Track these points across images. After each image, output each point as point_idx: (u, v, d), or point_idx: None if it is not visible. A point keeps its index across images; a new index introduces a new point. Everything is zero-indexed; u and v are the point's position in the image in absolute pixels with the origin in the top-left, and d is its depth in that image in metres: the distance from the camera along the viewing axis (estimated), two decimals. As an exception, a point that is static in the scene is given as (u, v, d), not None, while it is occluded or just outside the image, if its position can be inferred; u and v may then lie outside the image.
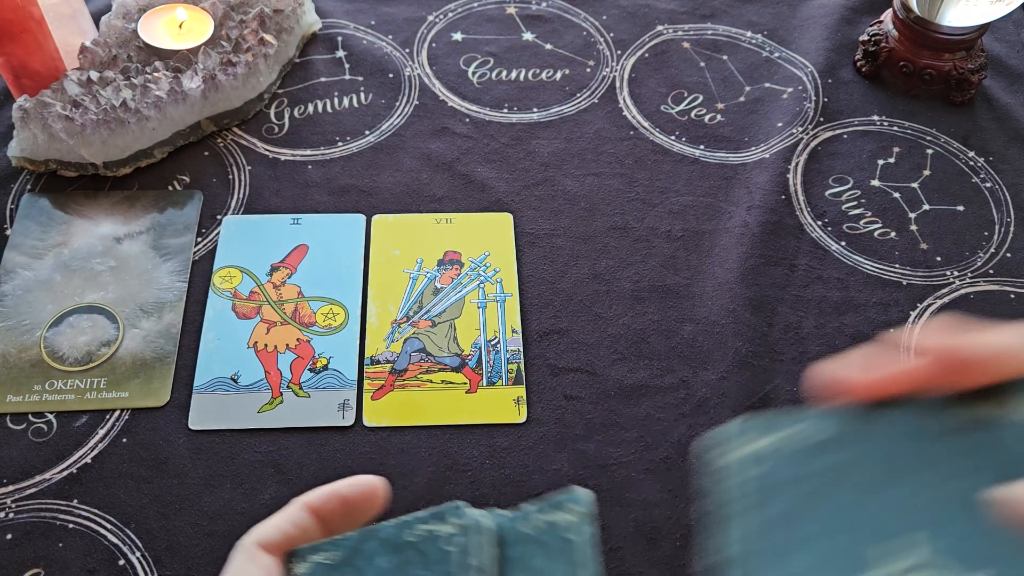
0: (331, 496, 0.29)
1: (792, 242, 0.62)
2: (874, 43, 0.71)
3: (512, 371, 0.55)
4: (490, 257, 0.60)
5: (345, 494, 0.29)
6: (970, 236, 0.63)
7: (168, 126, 0.63)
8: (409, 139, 0.66)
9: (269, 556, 0.28)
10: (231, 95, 0.65)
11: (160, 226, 0.61)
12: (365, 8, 0.75)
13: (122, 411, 0.53)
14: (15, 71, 0.62)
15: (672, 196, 0.64)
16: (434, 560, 0.27)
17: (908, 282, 0.60)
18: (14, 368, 0.54)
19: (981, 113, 0.70)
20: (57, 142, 0.60)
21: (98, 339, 0.55)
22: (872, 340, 0.57)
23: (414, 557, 0.27)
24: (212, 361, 0.55)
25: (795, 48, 0.74)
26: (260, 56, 0.66)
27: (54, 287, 0.57)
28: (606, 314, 0.58)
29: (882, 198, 0.65)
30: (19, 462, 0.51)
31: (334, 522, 0.29)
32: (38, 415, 0.53)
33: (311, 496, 0.29)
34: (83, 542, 0.48)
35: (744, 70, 0.72)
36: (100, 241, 0.60)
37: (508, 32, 0.74)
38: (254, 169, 0.64)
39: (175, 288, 0.58)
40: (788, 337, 0.57)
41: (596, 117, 0.68)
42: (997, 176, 0.66)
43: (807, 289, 0.59)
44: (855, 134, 0.68)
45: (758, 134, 0.68)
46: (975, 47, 0.69)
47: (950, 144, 0.68)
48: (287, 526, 0.28)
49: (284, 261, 0.60)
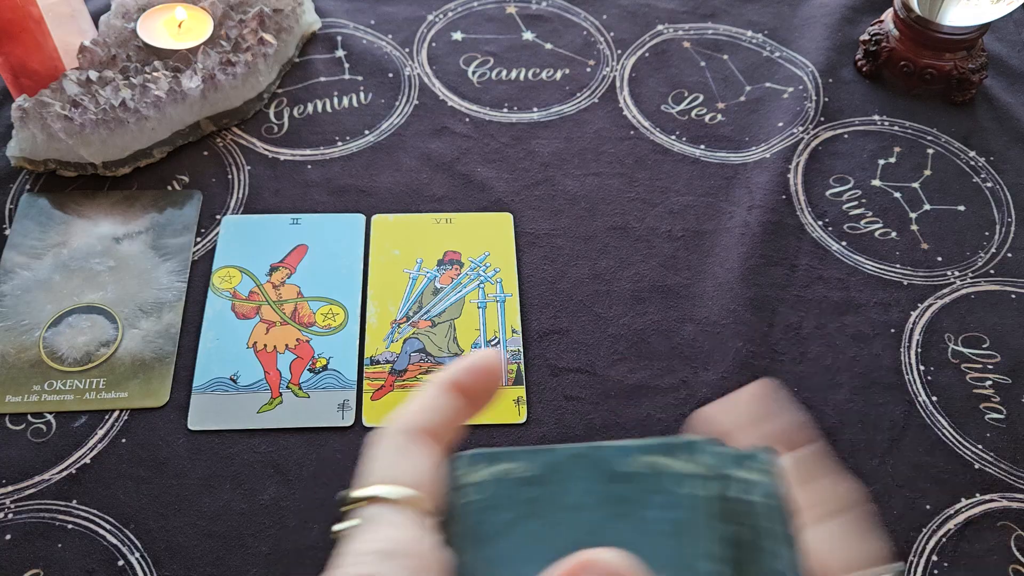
0: (472, 370, 0.26)
1: (793, 242, 0.62)
2: (875, 43, 0.70)
3: (512, 371, 0.55)
4: (490, 257, 0.60)
5: (482, 366, 0.26)
6: (971, 236, 0.63)
7: (167, 126, 0.63)
8: (409, 139, 0.66)
9: (430, 443, 0.25)
10: (230, 95, 0.65)
11: (159, 226, 0.61)
12: (365, 7, 0.75)
13: (121, 411, 0.53)
14: (14, 71, 0.62)
15: (672, 196, 0.64)
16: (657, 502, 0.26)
17: (909, 282, 0.60)
18: (13, 368, 0.54)
19: (982, 113, 0.70)
20: (56, 142, 0.60)
21: (97, 339, 0.55)
22: (872, 340, 0.57)
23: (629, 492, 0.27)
24: (211, 361, 0.55)
25: (796, 48, 0.74)
26: (259, 56, 0.66)
27: (53, 287, 0.57)
28: (606, 314, 0.58)
29: (883, 198, 0.64)
30: (18, 462, 0.51)
31: (480, 398, 0.27)
32: (37, 415, 0.52)
33: (451, 374, 0.26)
34: (82, 543, 0.48)
35: (745, 70, 0.72)
36: (99, 241, 0.60)
37: (508, 32, 0.74)
38: (253, 169, 0.64)
39: (174, 288, 0.58)
40: (789, 337, 0.57)
41: (596, 117, 0.68)
42: (998, 176, 0.66)
43: (808, 289, 0.59)
44: (856, 134, 0.68)
45: (759, 134, 0.68)
46: (976, 47, 0.69)
47: (951, 144, 0.68)
48: (438, 409, 0.25)
49: (283, 261, 0.60)
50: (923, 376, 0.56)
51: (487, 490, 0.28)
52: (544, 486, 0.28)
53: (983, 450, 0.53)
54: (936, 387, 0.55)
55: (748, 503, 0.26)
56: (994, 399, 0.55)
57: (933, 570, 0.48)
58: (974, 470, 0.52)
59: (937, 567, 0.48)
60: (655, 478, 0.27)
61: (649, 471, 0.28)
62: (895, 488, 0.51)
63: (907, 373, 0.56)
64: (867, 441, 0.53)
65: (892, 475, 0.51)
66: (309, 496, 0.50)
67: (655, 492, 0.27)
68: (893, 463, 0.52)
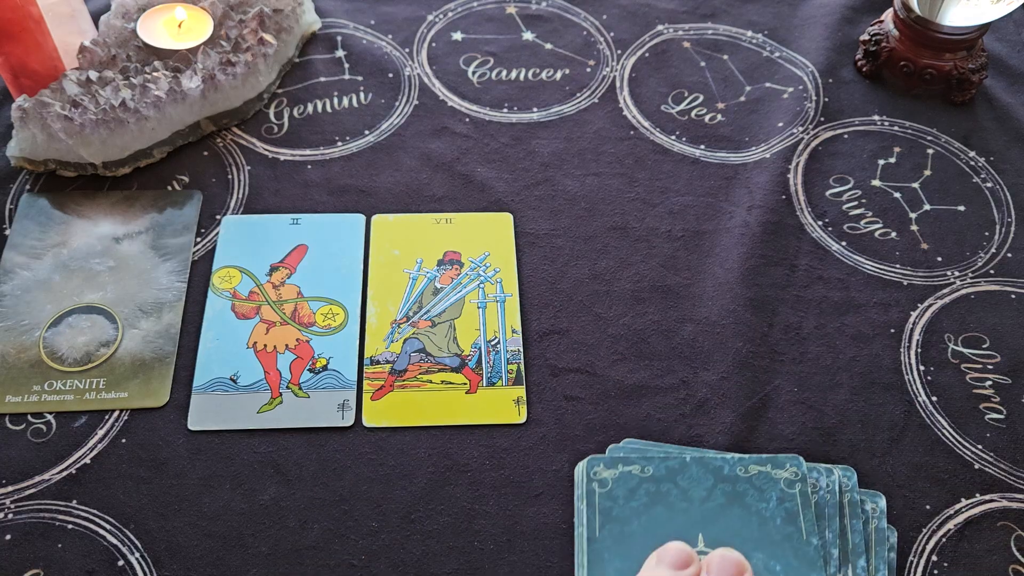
0: None
1: (793, 242, 0.62)
2: (875, 43, 0.70)
3: (512, 371, 0.55)
4: (490, 257, 0.60)
5: None
6: (971, 236, 0.63)
7: (167, 126, 0.63)
8: (409, 139, 0.66)
9: None
10: (230, 95, 0.65)
11: (159, 226, 0.61)
12: (364, 7, 0.75)
13: (121, 411, 0.53)
14: (14, 71, 0.62)
15: (672, 196, 0.64)
16: (771, 497, 0.40)
17: (909, 282, 0.60)
18: (13, 368, 0.54)
19: (982, 113, 0.70)
20: (56, 142, 0.60)
21: (97, 339, 0.55)
22: (872, 340, 0.57)
23: (742, 489, 0.41)
24: (211, 361, 0.55)
25: (796, 48, 0.74)
26: (259, 56, 0.66)
27: (53, 287, 0.57)
28: (606, 314, 0.58)
29: (883, 198, 0.64)
30: (18, 463, 0.51)
31: None
32: (37, 415, 0.52)
33: None
34: (82, 543, 0.48)
35: (744, 70, 0.72)
36: (99, 241, 0.60)
37: (508, 32, 0.74)
38: (253, 169, 0.64)
39: (174, 288, 0.58)
40: (789, 337, 0.57)
41: (596, 117, 0.68)
42: (998, 176, 0.66)
43: (808, 289, 0.59)
44: (856, 134, 0.68)
45: (758, 134, 0.68)
46: (976, 47, 0.69)
47: (951, 144, 0.68)
48: None
49: (283, 261, 0.60)
50: (923, 376, 0.56)
51: (616, 483, 0.39)
52: (666, 483, 0.40)
53: (983, 450, 0.53)
54: (936, 387, 0.55)
55: (831, 495, 0.41)
56: (994, 399, 0.55)
57: (933, 570, 0.48)
58: (974, 470, 0.52)
59: (937, 567, 0.48)
60: (765, 479, 0.41)
61: (758, 474, 0.41)
62: (895, 488, 0.51)
63: (907, 373, 0.56)
64: (867, 441, 0.53)
65: (892, 475, 0.51)
66: (309, 496, 0.50)
67: (766, 490, 0.40)
68: (893, 463, 0.52)
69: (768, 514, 0.41)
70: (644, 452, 0.44)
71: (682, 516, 0.40)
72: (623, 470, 0.41)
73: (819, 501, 0.43)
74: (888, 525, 0.47)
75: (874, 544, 0.44)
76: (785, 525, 0.40)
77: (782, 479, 0.41)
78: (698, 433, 0.52)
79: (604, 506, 0.41)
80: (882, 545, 0.45)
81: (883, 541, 0.45)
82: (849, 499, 0.45)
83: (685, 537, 0.40)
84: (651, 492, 0.41)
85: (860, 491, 0.48)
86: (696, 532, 0.40)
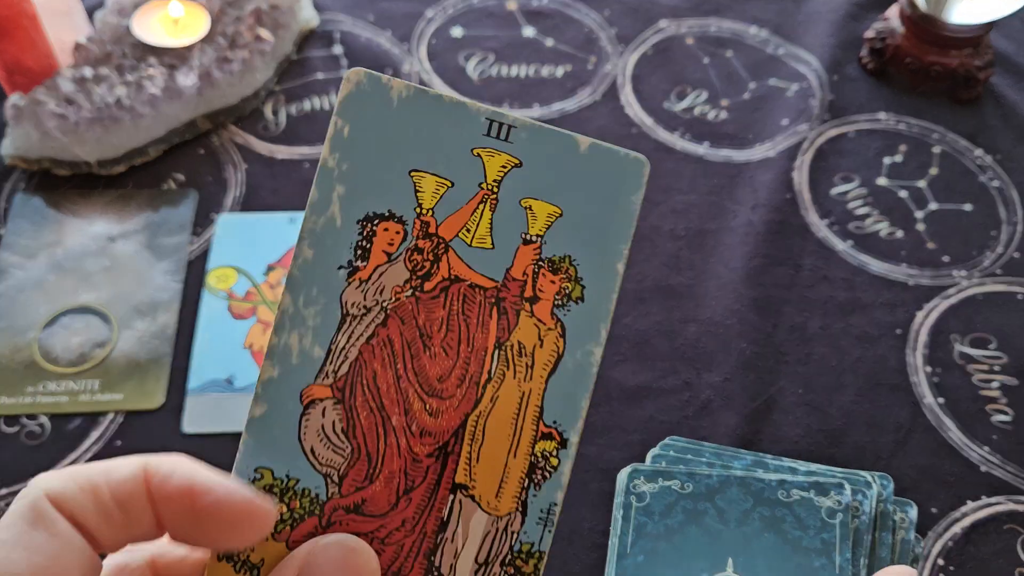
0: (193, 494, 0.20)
1: (797, 241, 0.61)
2: (880, 40, 0.70)
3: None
4: (490, 257, 0.59)
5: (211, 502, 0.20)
6: (977, 235, 0.62)
7: (163, 123, 0.62)
8: (408, 136, 0.65)
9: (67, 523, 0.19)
10: (227, 92, 0.64)
11: (154, 225, 0.60)
12: (363, 3, 0.74)
13: (116, 414, 0.52)
14: (8, 68, 0.61)
15: (675, 195, 0.63)
16: (810, 526, 0.39)
17: (915, 282, 0.59)
18: (7, 369, 0.53)
19: (989, 110, 0.69)
20: (51, 140, 0.59)
21: (92, 340, 0.55)
22: (878, 341, 0.56)
23: (781, 515, 0.39)
24: (207, 363, 0.54)
25: (800, 44, 0.73)
26: (256, 52, 0.65)
27: (47, 287, 0.57)
28: (608, 315, 0.57)
29: (888, 197, 0.64)
30: (12, 465, 0.50)
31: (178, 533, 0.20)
32: (31, 417, 0.52)
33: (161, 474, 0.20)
34: (76, 547, 0.47)
35: (748, 66, 0.71)
36: (94, 240, 0.59)
37: (508, 28, 0.73)
38: (250, 167, 0.63)
39: (170, 288, 0.57)
40: (793, 338, 0.56)
41: (598, 114, 0.68)
42: (1005, 174, 0.65)
43: (812, 289, 0.59)
44: (861, 132, 0.67)
45: (763, 132, 0.67)
46: (982, 44, 0.68)
47: (957, 142, 0.67)
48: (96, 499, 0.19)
49: (281, 261, 0.59)
50: (929, 377, 0.55)
51: (655, 498, 0.38)
52: (703, 502, 0.39)
53: (990, 452, 0.52)
54: (942, 388, 0.55)
55: (869, 517, 0.40)
56: (1001, 401, 0.54)
57: (939, 574, 0.47)
58: (980, 472, 0.51)
59: (943, 571, 0.48)
60: (807, 507, 0.40)
61: (800, 500, 0.40)
62: (900, 491, 0.50)
63: (913, 374, 0.55)
64: (872, 443, 0.52)
65: (897, 477, 0.50)
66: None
67: (805, 518, 0.39)
68: (899, 465, 0.51)
69: (804, 544, 0.40)
70: (697, 452, 0.43)
71: (715, 539, 0.40)
72: (663, 484, 0.40)
73: (859, 527, 0.42)
74: (916, 535, 0.47)
75: (899, 557, 0.43)
76: (819, 556, 0.39)
77: (824, 507, 0.40)
78: (702, 436, 0.51)
79: (639, 521, 0.40)
80: (906, 558, 0.44)
81: (907, 554, 0.44)
82: (882, 510, 0.44)
83: (715, 561, 0.40)
84: (687, 510, 0.40)
85: (895, 499, 0.47)
86: (726, 557, 0.40)
